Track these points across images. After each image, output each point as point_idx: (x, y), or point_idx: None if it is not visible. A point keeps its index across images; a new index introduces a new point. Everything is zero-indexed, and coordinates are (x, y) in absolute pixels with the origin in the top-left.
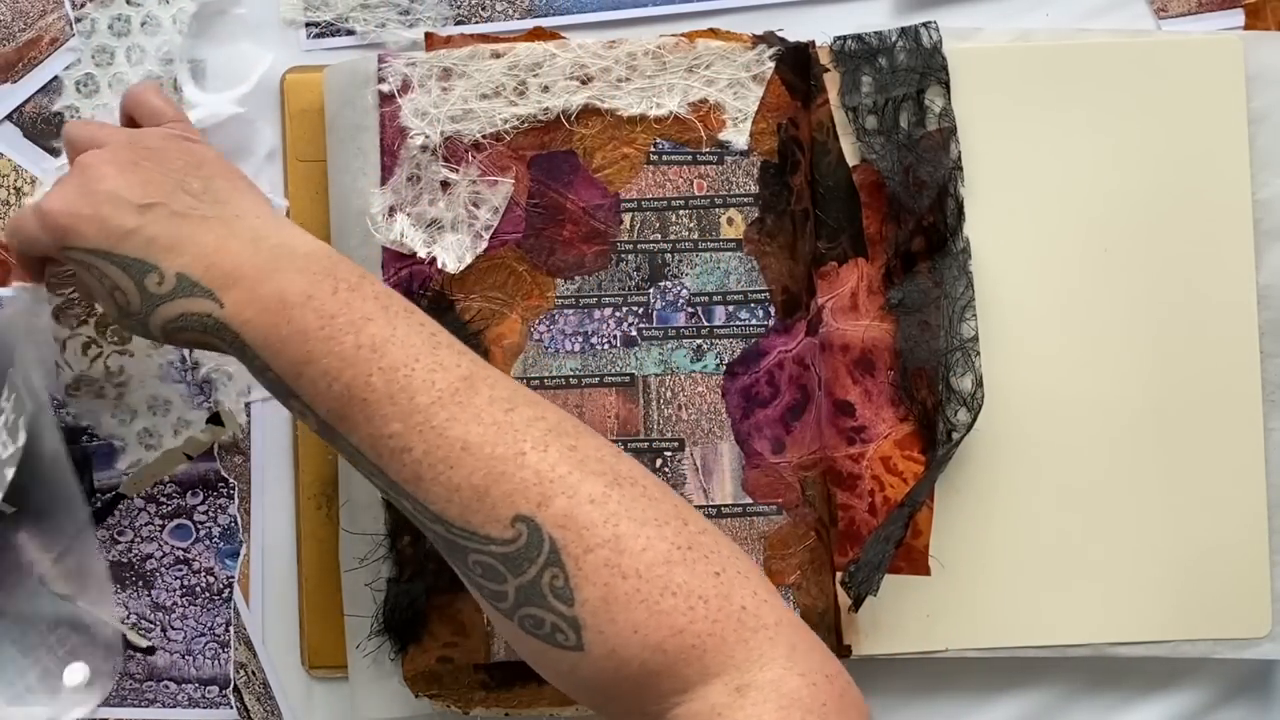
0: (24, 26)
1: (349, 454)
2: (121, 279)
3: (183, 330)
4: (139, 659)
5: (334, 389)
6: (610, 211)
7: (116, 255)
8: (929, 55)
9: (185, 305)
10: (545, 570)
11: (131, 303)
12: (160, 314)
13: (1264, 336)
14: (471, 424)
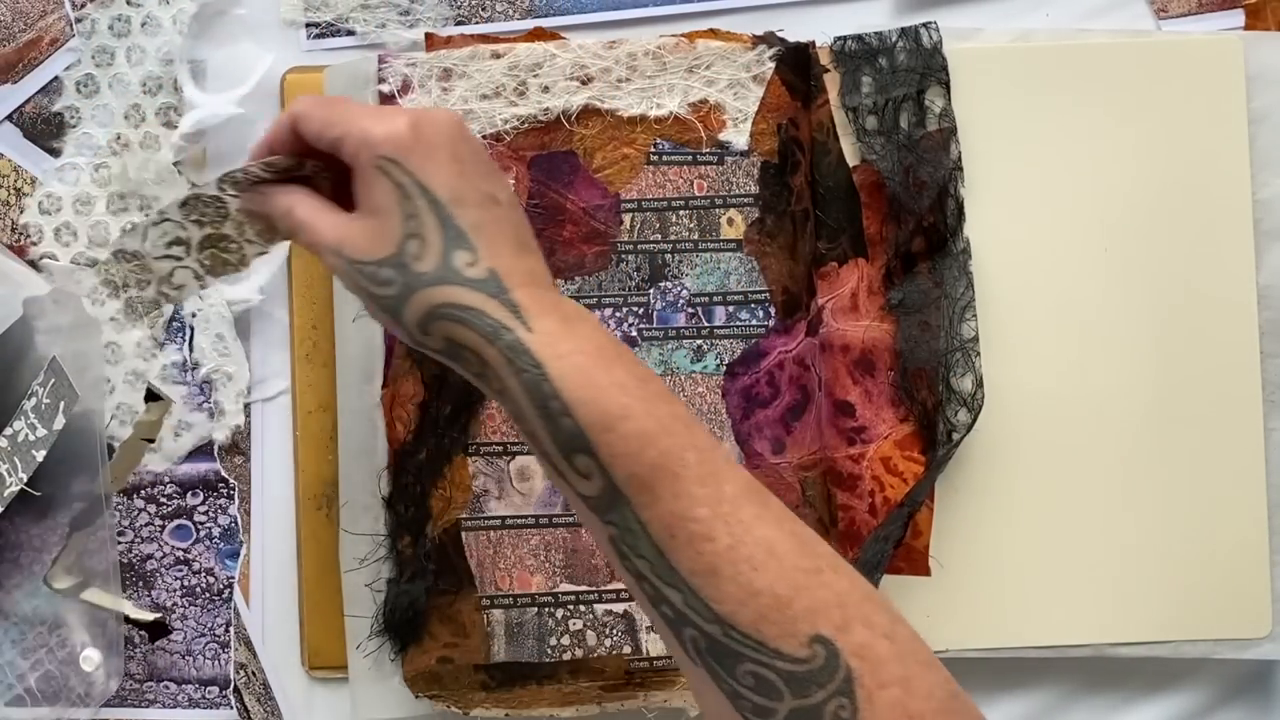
0: (24, 27)
1: (624, 529)
2: (433, 232)
3: (448, 325)
4: (139, 658)
5: (646, 454)
6: (610, 212)
7: (444, 207)
8: (929, 55)
9: (476, 301)
10: (833, 699)
11: (419, 263)
12: (436, 294)
13: (1264, 336)
14: (774, 528)
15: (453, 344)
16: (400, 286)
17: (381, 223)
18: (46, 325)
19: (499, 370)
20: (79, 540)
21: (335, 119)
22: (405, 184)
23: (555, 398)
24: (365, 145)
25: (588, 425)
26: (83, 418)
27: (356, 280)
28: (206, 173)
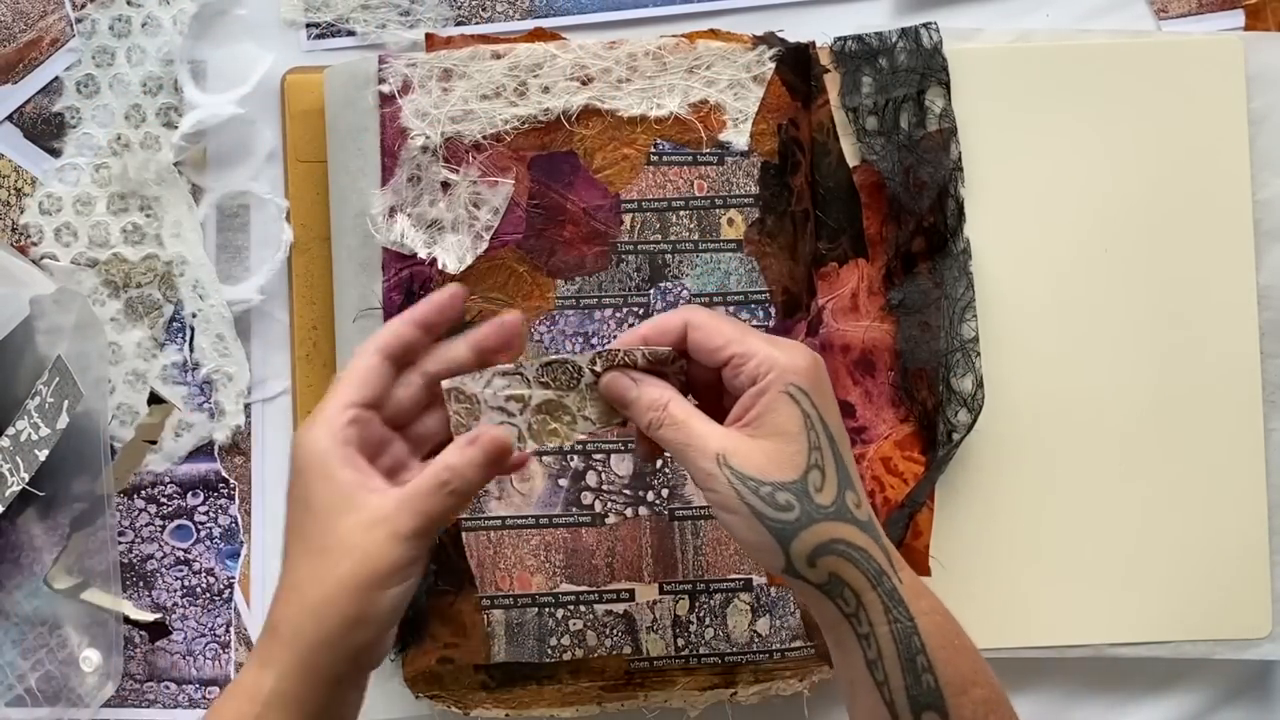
0: (24, 27)
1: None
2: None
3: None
4: (139, 658)
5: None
6: (611, 212)
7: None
8: (929, 56)
9: (865, 543)
10: None
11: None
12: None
13: (1264, 336)
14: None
15: (837, 580)
16: (800, 513)
17: (785, 445)
18: (47, 325)
19: (874, 615)
20: (79, 540)
21: (735, 338)
22: (812, 416)
23: (922, 653)
24: (778, 371)
25: (945, 685)
26: (84, 417)
27: (740, 495)
28: (206, 173)
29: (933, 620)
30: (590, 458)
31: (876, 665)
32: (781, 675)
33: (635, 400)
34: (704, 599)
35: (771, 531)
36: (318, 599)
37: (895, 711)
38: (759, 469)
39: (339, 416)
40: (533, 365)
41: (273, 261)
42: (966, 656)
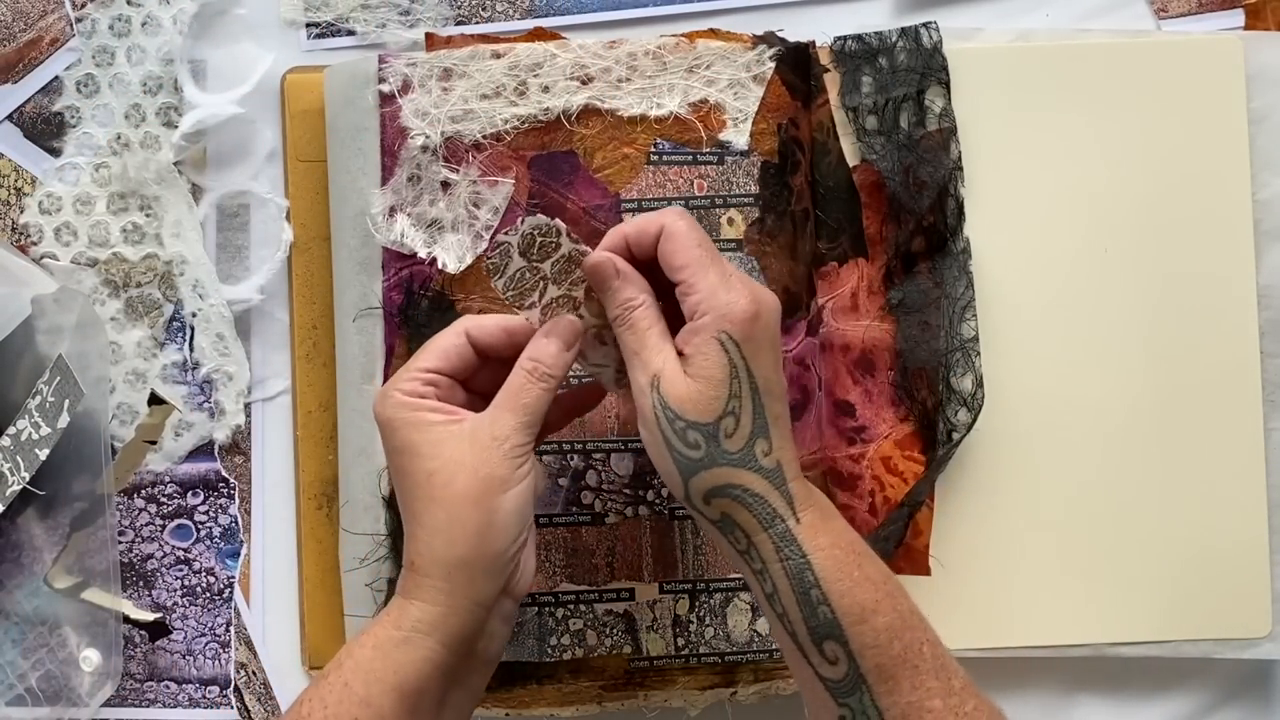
0: (24, 27)
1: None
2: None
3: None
4: (139, 658)
5: (893, 646)
6: (611, 212)
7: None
8: (929, 55)
9: (763, 489)
10: None
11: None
12: (733, 475)
13: (1264, 336)
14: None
15: (729, 520)
16: (705, 455)
17: (706, 389)
18: (47, 324)
19: (765, 553)
20: (80, 540)
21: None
22: (738, 365)
23: (815, 587)
24: (713, 315)
25: (842, 615)
26: (85, 417)
27: (659, 422)
28: (206, 173)
29: (830, 555)
30: (590, 457)
31: (774, 599)
32: (781, 675)
33: (613, 292)
34: (704, 598)
35: (676, 464)
36: (443, 521)
37: (798, 641)
38: (679, 404)
39: (416, 378)
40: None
41: (273, 261)
42: (868, 587)
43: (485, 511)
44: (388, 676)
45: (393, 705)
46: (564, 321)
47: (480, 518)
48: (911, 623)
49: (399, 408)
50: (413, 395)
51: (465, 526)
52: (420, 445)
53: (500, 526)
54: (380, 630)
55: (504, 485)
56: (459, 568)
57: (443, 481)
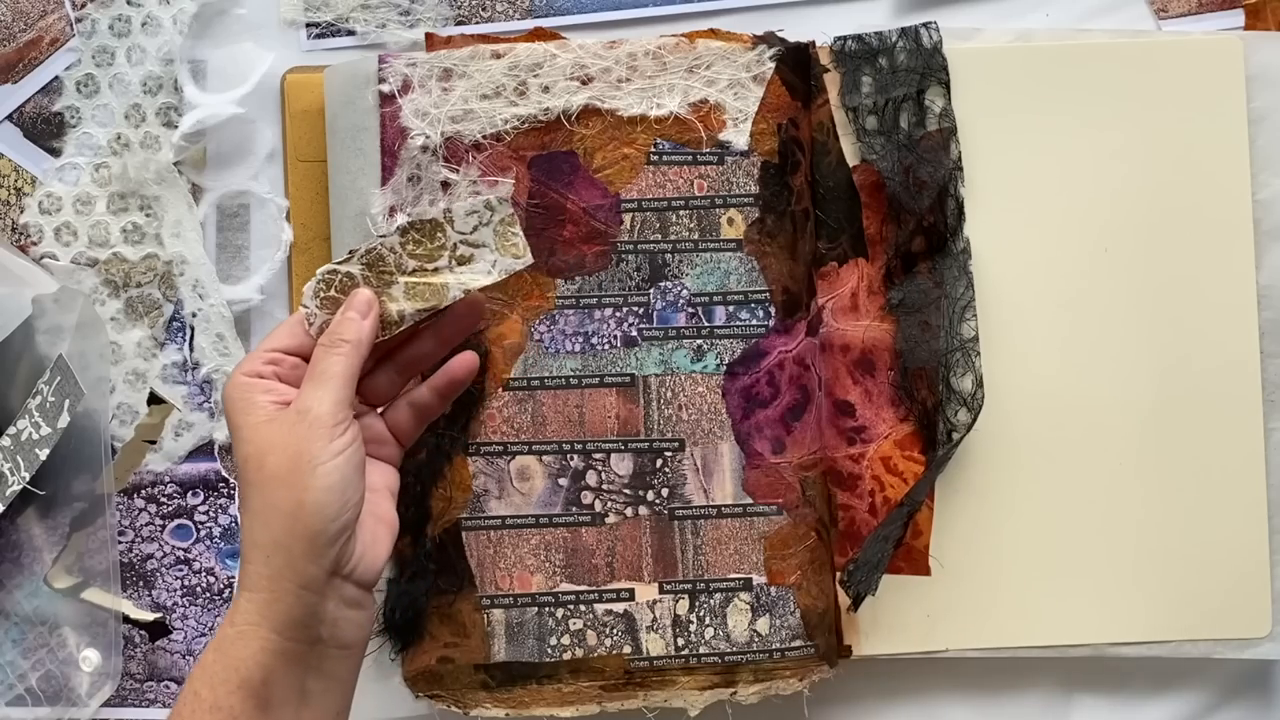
0: (24, 27)
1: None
2: None
3: None
4: (139, 658)
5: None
6: (610, 212)
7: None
8: (929, 55)
9: None
10: None
11: None
12: None
13: (1264, 336)
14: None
15: None
16: None
17: None
18: (47, 324)
19: None
20: (79, 540)
21: None
22: None
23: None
24: None
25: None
26: (85, 417)
27: None
28: (206, 173)
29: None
30: (590, 457)
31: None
32: (781, 675)
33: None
34: (704, 598)
35: None
36: (258, 504)
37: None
38: None
39: (255, 360)
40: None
41: (273, 261)
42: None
43: (295, 490)
44: (230, 676)
45: (242, 703)
46: (355, 295)
47: (290, 496)
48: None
49: (234, 388)
50: (250, 375)
51: (277, 508)
52: (242, 429)
53: (312, 505)
54: (220, 631)
55: (313, 461)
56: (275, 551)
57: (255, 465)
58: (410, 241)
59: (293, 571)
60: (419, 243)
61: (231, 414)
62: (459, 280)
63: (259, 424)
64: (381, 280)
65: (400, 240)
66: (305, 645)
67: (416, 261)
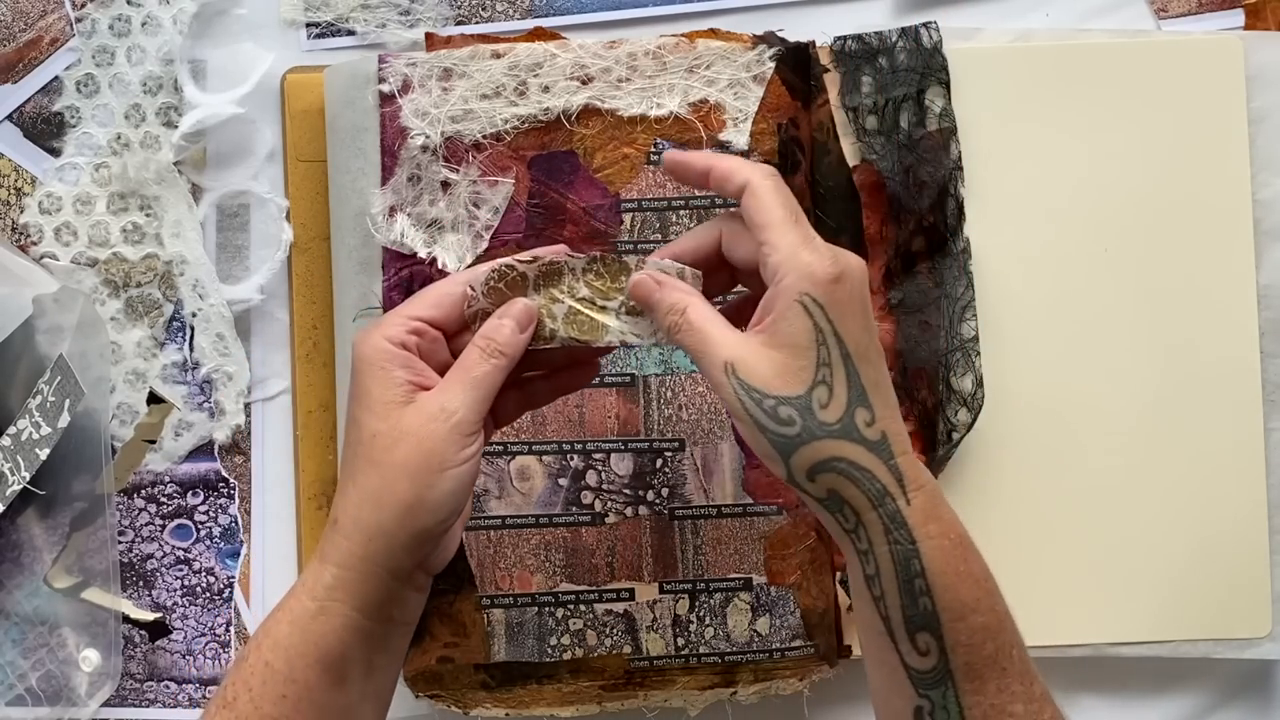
0: (24, 27)
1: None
2: (841, 385)
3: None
4: (139, 658)
5: (987, 646)
6: (610, 212)
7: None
8: (929, 55)
9: (870, 463)
10: None
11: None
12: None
13: (1264, 336)
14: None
15: (836, 496)
16: (801, 429)
17: (791, 359)
18: (48, 324)
19: (873, 534)
20: (79, 540)
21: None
22: (824, 330)
23: (920, 576)
24: (793, 277)
25: (943, 610)
26: (85, 416)
27: (744, 406)
28: (206, 173)
29: (938, 544)
30: (590, 457)
31: (874, 581)
32: (781, 675)
33: (658, 304)
34: (704, 598)
35: (773, 444)
36: (376, 486)
37: (890, 627)
38: (764, 381)
39: (399, 325)
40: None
41: (273, 261)
42: (969, 583)
43: (420, 486)
44: (309, 650)
45: (318, 678)
46: (517, 304)
47: (413, 492)
48: (1006, 625)
49: (375, 352)
50: (393, 343)
51: (396, 497)
52: (376, 401)
53: (431, 505)
54: (295, 603)
55: (444, 463)
56: (379, 536)
57: (384, 445)
58: (594, 272)
59: (390, 558)
60: (601, 276)
61: (365, 378)
62: (621, 328)
63: (395, 403)
64: (550, 295)
65: (585, 265)
66: (381, 625)
67: (590, 292)
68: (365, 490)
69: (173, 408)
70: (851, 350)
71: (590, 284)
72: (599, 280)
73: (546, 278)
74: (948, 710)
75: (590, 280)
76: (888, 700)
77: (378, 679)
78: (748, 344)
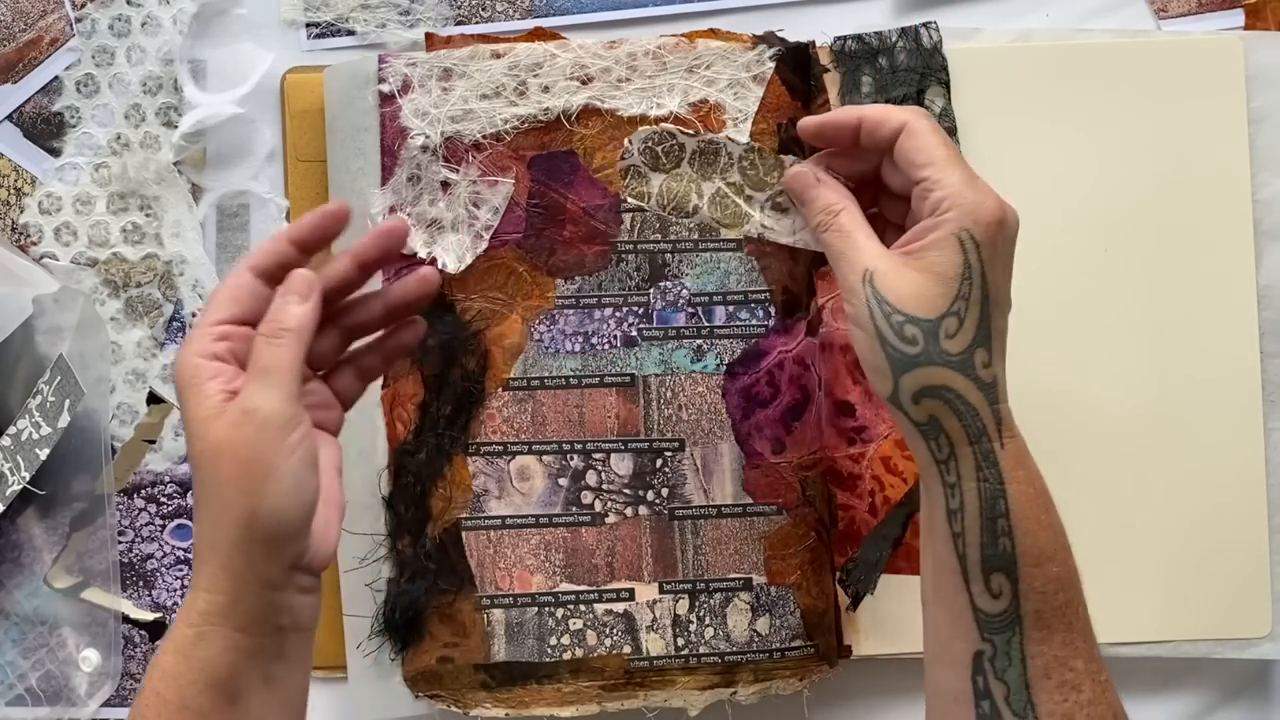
0: (24, 27)
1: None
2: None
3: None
4: (139, 658)
5: (1058, 597)
6: (610, 212)
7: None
8: (929, 55)
9: (977, 400)
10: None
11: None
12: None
13: (1264, 336)
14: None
15: (936, 424)
16: (922, 351)
17: (933, 284)
18: (47, 324)
19: (964, 468)
20: (79, 540)
21: (938, 161)
22: (974, 266)
23: (1004, 517)
24: (959, 211)
25: (1021, 553)
26: (85, 417)
27: (872, 315)
28: (206, 173)
29: (1024, 490)
30: (590, 457)
31: (956, 516)
32: (781, 675)
33: (813, 199)
34: (704, 598)
35: (889, 358)
36: (214, 505)
37: (965, 565)
38: (899, 298)
39: (203, 336)
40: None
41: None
42: (1049, 533)
43: (250, 497)
44: (196, 677)
45: (211, 701)
46: (295, 277)
47: (246, 504)
48: (1076, 581)
49: (186, 369)
50: (202, 356)
51: (233, 514)
52: (193, 420)
53: (269, 511)
54: (177, 631)
55: (266, 466)
56: (234, 554)
57: (209, 465)
58: (750, 162)
59: (253, 573)
60: (755, 167)
61: (182, 399)
62: (762, 220)
63: (208, 418)
64: (702, 171)
65: (744, 151)
66: (268, 637)
67: (742, 179)
68: (207, 511)
69: (173, 408)
70: (992, 294)
71: (744, 170)
72: (753, 170)
73: (704, 154)
74: (1009, 657)
75: (744, 167)
76: (946, 645)
77: (282, 689)
78: (891, 259)
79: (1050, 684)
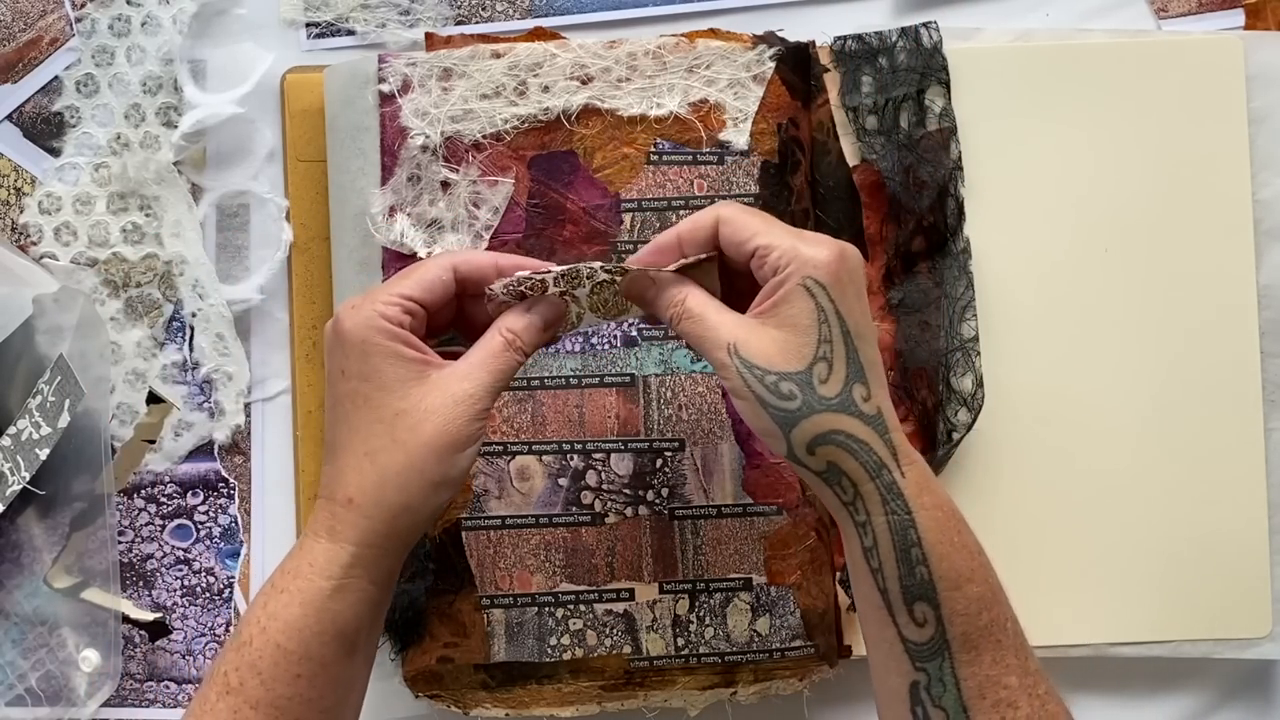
0: (24, 26)
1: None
2: (840, 361)
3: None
4: (139, 658)
5: (982, 617)
6: (611, 211)
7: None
8: (929, 55)
9: (867, 435)
10: None
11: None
12: (834, 420)
13: (1264, 336)
14: (1059, 705)
15: (835, 468)
16: (802, 403)
17: (793, 336)
18: (47, 324)
19: (870, 505)
20: (79, 540)
21: (761, 230)
22: (826, 309)
23: (917, 545)
24: (797, 263)
25: (939, 578)
26: (85, 417)
27: (747, 383)
28: (206, 173)
29: (933, 515)
30: (590, 457)
31: (872, 553)
32: (781, 675)
33: (653, 300)
34: (704, 598)
35: (774, 419)
36: (401, 464)
37: (888, 599)
38: (766, 359)
39: (394, 304)
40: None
41: (273, 261)
42: (964, 554)
43: (446, 465)
44: (325, 629)
45: (334, 653)
46: (550, 302)
47: (440, 470)
48: (999, 598)
49: (376, 331)
50: (392, 321)
51: (424, 476)
52: (391, 380)
53: (452, 482)
54: (306, 584)
55: (464, 444)
56: (404, 514)
57: (409, 424)
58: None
59: (412, 534)
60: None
61: (374, 356)
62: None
63: (411, 381)
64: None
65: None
66: (388, 592)
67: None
68: (388, 469)
69: (173, 408)
70: (851, 328)
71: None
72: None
73: (566, 278)
74: (944, 683)
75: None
76: (885, 679)
77: (374, 644)
78: (748, 324)
79: (986, 704)
